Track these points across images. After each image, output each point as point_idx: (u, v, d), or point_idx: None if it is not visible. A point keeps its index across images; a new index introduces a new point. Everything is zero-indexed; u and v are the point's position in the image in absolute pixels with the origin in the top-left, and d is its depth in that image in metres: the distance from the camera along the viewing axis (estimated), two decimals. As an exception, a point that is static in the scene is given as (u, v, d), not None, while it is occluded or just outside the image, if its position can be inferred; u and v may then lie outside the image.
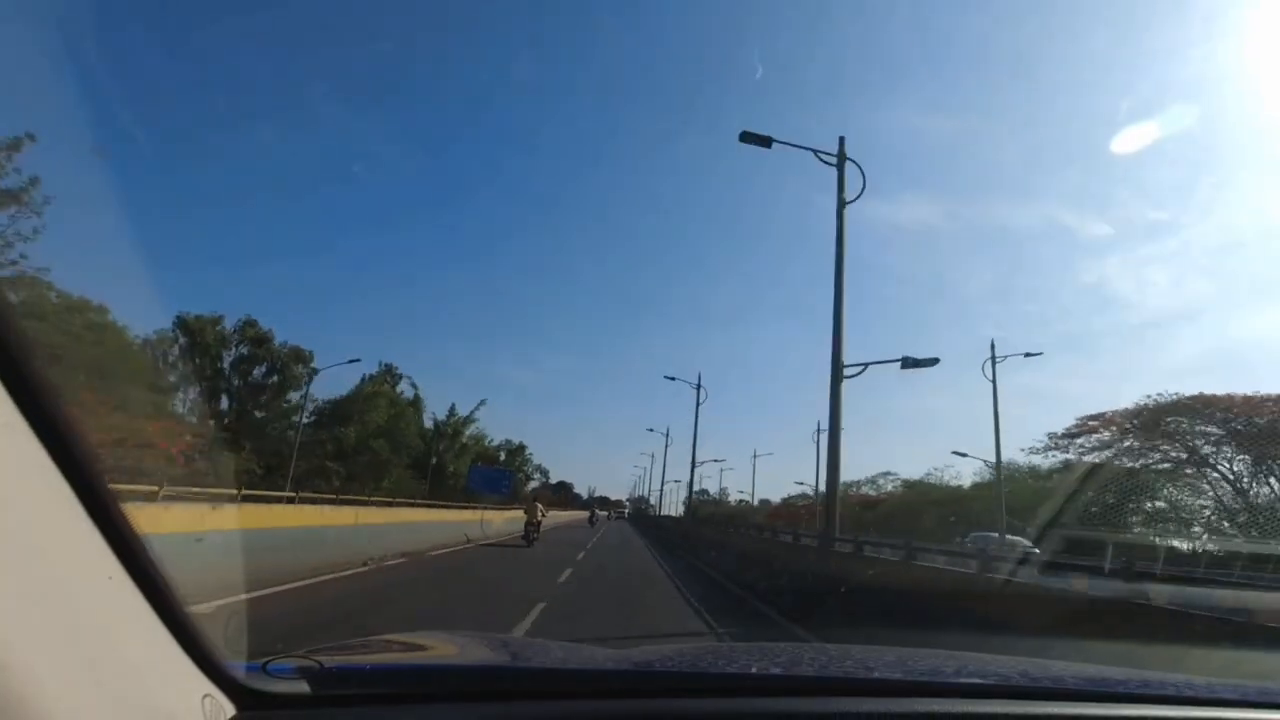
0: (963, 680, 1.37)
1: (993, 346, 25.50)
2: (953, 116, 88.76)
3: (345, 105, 76.06)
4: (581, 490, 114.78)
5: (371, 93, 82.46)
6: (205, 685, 0.81)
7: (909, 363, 12.23)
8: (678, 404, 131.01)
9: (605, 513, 70.60)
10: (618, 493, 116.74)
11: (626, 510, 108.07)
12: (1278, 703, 1.22)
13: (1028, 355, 26.48)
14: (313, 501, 16.60)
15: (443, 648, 1.59)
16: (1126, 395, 53.58)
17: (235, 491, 14.97)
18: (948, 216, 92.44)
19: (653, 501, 76.50)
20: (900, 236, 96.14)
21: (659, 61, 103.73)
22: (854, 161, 12.24)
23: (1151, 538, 21.97)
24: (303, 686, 0.97)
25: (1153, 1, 74.78)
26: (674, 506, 73.45)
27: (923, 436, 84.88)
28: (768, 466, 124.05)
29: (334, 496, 21.36)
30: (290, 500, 17.40)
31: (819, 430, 41.14)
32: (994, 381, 24.86)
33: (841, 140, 12.51)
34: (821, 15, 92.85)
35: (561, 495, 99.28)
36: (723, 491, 79.89)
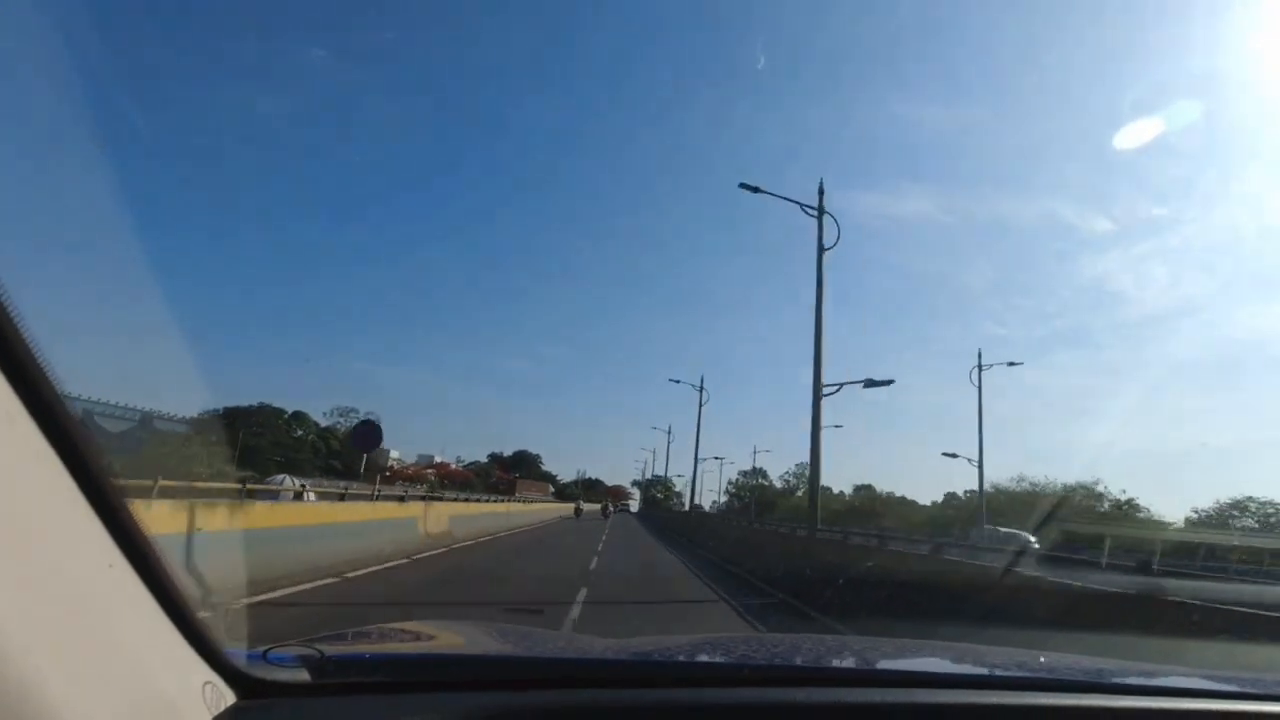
0: (960, 671, 1.47)
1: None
2: (954, 109, 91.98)
3: (346, 91, 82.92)
4: (558, 470, 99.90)
5: (370, 81, 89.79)
6: (206, 673, 0.85)
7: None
8: (681, 394, 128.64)
9: (601, 505, 57.58)
10: (615, 480, 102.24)
11: (633, 503, 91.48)
12: (1271, 694, 1.27)
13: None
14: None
15: (444, 637, 1.64)
16: (1125, 391, 56.14)
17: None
18: (947, 210, 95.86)
19: (677, 487, 63.11)
20: (898, 229, 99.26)
21: (662, 50, 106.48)
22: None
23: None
24: (303, 675, 1.01)
25: (1158, -4, 75.69)
26: (698, 495, 61.63)
27: (931, 433, 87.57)
28: (764, 462, 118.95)
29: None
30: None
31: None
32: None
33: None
34: (825, 4, 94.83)
35: (522, 476, 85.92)
36: (801, 469, 66.19)
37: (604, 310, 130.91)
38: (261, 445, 54.21)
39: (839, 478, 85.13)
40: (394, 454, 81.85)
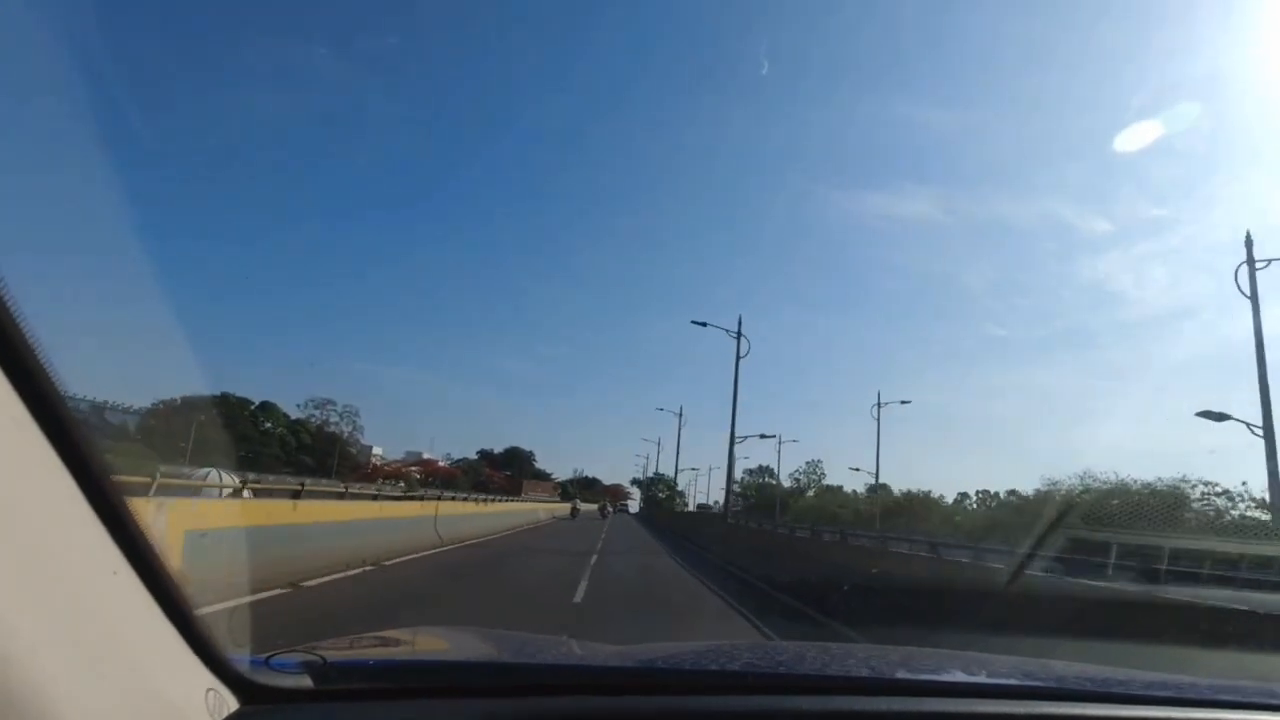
0: (966, 680, 1.48)
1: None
2: (957, 110, 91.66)
3: (347, 93, 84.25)
4: (553, 468, 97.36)
5: (371, 81, 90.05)
6: (209, 679, 0.86)
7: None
8: (678, 396, 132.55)
9: (599, 505, 56.26)
10: (613, 479, 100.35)
11: (632, 503, 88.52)
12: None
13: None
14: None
15: (447, 643, 1.67)
16: (1127, 392, 56.17)
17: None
18: (949, 211, 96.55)
19: (678, 484, 58.02)
20: (901, 230, 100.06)
21: (662, 52, 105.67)
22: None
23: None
24: (306, 681, 1.02)
25: (1160, -1, 76.84)
26: (705, 494, 59.01)
27: (924, 433, 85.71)
28: (769, 459, 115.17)
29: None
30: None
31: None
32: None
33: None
34: (828, 5, 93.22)
35: (514, 474, 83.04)
36: (812, 467, 57.93)
37: (603, 309, 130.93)
38: (223, 438, 49.97)
39: (850, 476, 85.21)
40: (376, 450, 77.47)
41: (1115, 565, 11.62)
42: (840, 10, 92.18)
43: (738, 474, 67.36)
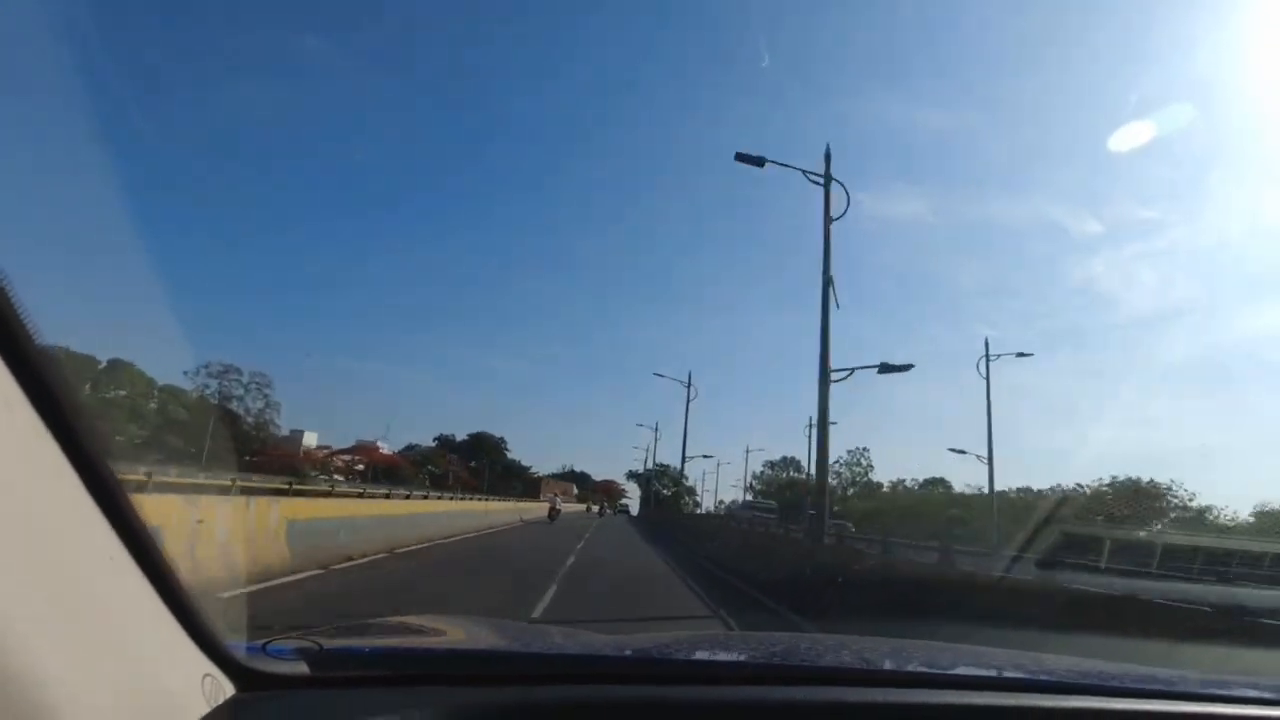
0: (958, 672, 1.50)
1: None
2: (947, 109, 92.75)
3: (337, 86, 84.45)
4: (534, 462, 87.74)
5: (361, 81, 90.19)
6: (206, 665, 0.88)
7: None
8: (671, 392, 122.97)
9: (587, 505, 57.39)
10: (604, 474, 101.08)
11: (630, 502, 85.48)
12: (1268, 699, 1.33)
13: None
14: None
15: (443, 631, 1.67)
16: (1118, 393, 55.61)
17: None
18: (938, 211, 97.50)
19: (689, 481, 56.35)
20: (891, 230, 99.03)
21: (657, 48, 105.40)
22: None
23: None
24: (302, 667, 1.05)
25: (1153, 1, 77.44)
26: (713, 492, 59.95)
27: (920, 434, 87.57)
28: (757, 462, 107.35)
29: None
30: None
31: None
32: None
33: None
34: (824, 4, 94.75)
35: (478, 463, 73.36)
36: (856, 457, 64.91)
37: (594, 305, 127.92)
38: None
39: (895, 469, 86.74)
40: (309, 435, 72.71)
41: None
42: (834, 8, 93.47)
43: (755, 467, 62.24)
